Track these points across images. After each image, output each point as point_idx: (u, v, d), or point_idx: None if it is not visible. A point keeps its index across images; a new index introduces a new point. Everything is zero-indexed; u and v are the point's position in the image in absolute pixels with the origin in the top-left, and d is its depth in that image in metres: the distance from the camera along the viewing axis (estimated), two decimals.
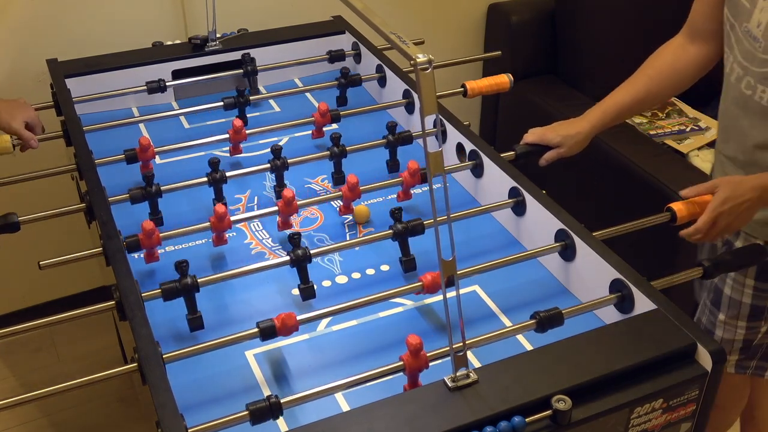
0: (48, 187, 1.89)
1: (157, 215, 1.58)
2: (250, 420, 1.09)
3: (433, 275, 1.31)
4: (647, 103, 1.66)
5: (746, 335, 1.64)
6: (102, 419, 2.30)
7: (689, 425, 1.20)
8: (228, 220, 1.46)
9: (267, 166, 1.65)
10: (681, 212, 1.40)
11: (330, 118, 1.83)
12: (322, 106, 1.81)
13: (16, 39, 2.21)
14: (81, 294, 2.52)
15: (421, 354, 1.14)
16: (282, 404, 1.09)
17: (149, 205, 1.58)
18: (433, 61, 0.95)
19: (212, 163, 1.60)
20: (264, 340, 1.23)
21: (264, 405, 1.09)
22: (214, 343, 1.22)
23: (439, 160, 1.00)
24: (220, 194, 1.62)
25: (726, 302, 1.62)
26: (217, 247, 1.52)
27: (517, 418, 1.04)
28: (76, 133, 1.72)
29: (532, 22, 2.75)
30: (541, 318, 1.24)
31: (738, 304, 1.61)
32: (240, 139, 1.75)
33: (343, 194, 1.56)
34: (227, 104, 1.90)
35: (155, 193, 1.56)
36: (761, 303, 1.59)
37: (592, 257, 1.36)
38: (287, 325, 1.22)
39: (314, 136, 1.84)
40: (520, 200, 1.53)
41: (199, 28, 2.26)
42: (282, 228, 1.53)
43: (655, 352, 1.15)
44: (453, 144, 1.75)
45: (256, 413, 1.08)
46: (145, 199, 1.56)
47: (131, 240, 1.42)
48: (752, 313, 1.61)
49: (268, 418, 1.09)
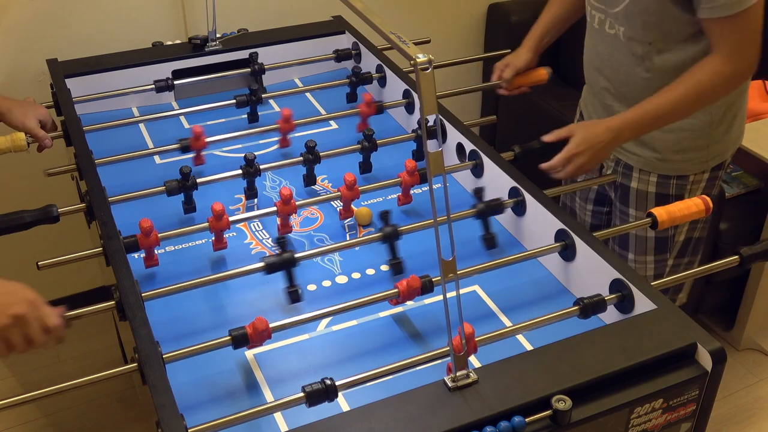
0: (48, 187, 1.89)
1: (191, 205, 1.59)
2: (306, 402, 1.10)
3: (408, 281, 1.31)
4: (567, 20, 1.93)
5: (656, 270, 1.82)
6: (102, 419, 2.29)
7: (689, 425, 1.20)
8: (226, 220, 1.46)
9: (267, 166, 1.65)
10: (662, 217, 1.44)
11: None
12: (285, 112, 1.81)
13: (16, 39, 2.21)
14: (81, 294, 2.52)
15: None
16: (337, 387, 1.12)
17: (184, 197, 1.59)
18: (433, 61, 0.95)
19: (247, 159, 1.61)
20: (236, 348, 1.22)
21: (320, 387, 1.10)
22: (214, 343, 1.22)
23: (439, 160, 1.00)
24: (253, 187, 1.64)
25: (633, 241, 1.81)
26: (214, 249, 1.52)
27: (517, 418, 1.04)
28: (76, 133, 1.72)
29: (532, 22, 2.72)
30: (584, 304, 1.27)
31: (644, 240, 1.79)
32: (200, 147, 1.74)
33: (342, 195, 1.56)
34: (239, 102, 1.91)
35: (191, 186, 1.57)
36: (663, 234, 1.77)
37: (592, 257, 1.36)
38: (258, 329, 1.21)
39: (281, 145, 1.85)
40: (520, 200, 1.53)
41: (199, 28, 2.26)
42: (282, 230, 1.53)
43: (655, 352, 1.15)
44: (453, 144, 1.75)
45: (312, 395, 1.10)
46: (181, 192, 1.57)
47: (129, 240, 1.42)
48: (657, 246, 1.79)
49: (323, 401, 1.11)
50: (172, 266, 1.48)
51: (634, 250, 1.83)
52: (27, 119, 1.76)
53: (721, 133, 1.71)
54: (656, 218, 1.44)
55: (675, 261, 1.84)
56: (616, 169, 1.81)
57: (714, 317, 2.56)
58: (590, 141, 1.56)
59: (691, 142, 1.70)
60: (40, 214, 1.49)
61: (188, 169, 1.56)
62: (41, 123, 1.79)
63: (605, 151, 1.59)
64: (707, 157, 1.72)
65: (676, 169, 1.73)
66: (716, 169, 1.76)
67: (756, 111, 2.57)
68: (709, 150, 1.71)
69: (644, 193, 1.78)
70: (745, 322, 2.47)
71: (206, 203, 1.55)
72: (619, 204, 1.84)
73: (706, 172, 1.75)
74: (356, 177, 1.56)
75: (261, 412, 1.11)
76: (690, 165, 1.73)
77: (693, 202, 1.46)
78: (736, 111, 1.71)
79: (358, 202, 1.63)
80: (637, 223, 1.51)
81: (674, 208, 1.45)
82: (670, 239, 1.79)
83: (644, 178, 1.77)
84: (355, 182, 1.55)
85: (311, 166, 1.68)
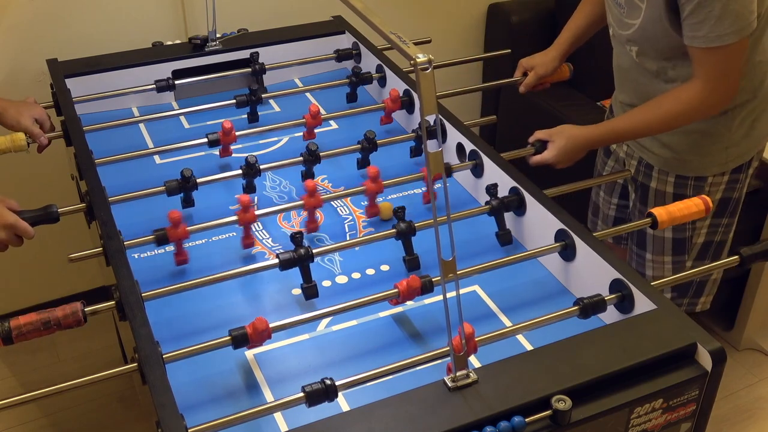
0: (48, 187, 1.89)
1: (189, 203, 1.60)
2: (306, 402, 1.10)
3: (408, 281, 1.31)
4: (599, 23, 1.91)
5: (674, 271, 1.78)
6: (102, 419, 2.29)
7: (689, 425, 1.20)
8: (252, 213, 1.48)
9: (268, 166, 1.65)
10: (661, 217, 1.45)
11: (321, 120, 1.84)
12: (313, 108, 1.82)
13: (16, 39, 2.21)
14: (81, 294, 2.52)
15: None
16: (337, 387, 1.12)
17: (183, 197, 1.60)
18: (432, 61, 0.95)
19: (248, 161, 1.61)
20: (236, 348, 1.23)
21: (320, 387, 1.11)
22: (214, 343, 1.22)
23: (439, 160, 1.00)
24: (253, 188, 1.65)
25: (650, 241, 1.81)
26: (217, 248, 1.52)
27: (516, 418, 1.04)
28: (76, 133, 1.72)
29: (532, 22, 2.75)
30: (584, 304, 1.27)
31: (661, 240, 1.79)
32: (230, 141, 1.75)
33: (366, 189, 1.56)
34: (239, 102, 1.91)
35: (191, 186, 1.58)
36: (681, 236, 1.77)
37: (592, 257, 1.36)
38: (258, 330, 1.21)
39: (305, 138, 1.85)
40: (520, 200, 1.53)
41: (199, 28, 2.26)
42: (309, 227, 1.54)
43: (655, 352, 1.15)
44: (453, 144, 1.75)
45: (312, 395, 1.10)
46: (181, 191, 1.58)
47: (160, 233, 1.43)
48: (675, 247, 1.79)
49: (323, 401, 1.11)
50: (172, 265, 1.48)
51: (651, 250, 1.83)
52: (21, 117, 1.76)
53: (741, 135, 1.69)
54: (656, 218, 1.44)
55: (694, 263, 1.82)
56: (639, 168, 1.81)
57: (714, 317, 2.56)
58: (569, 152, 1.66)
59: (709, 144, 1.69)
60: (41, 215, 1.49)
61: (189, 172, 1.57)
62: (38, 122, 1.79)
63: (577, 158, 1.69)
64: (726, 159, 1.71)
65: (693, 169, 1.73)
66: (736, 171, 1.74)
67: None
68: (727, 152, 1.70)
69: (662, 193, 1.77)
70: (745, 322, 2.47)
71: (207, 203, 1.55)
72: (639, 203, 1.84)
73: (726, 174, 1.73)
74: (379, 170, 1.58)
75: (261, 412, 1.11)
76: (708, 166, 1.72)
77: (693, 202, 1.46)
78: (759, 114, 1.70)
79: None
80: (637, 223, 1.51)
81: (674, 208, 1.46)
82: (688, 240, 1.79)
83: (663, 178, 1.76)
84: (378, 174, 1.56)
85: (310, 167, 1.69)
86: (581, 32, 1.94)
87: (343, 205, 1.66)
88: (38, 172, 2.22)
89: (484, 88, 2.67)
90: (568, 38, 1.95)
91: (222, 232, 1.56)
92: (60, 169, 2.06)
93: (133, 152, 1.73)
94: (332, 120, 1.94)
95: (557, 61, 1.96)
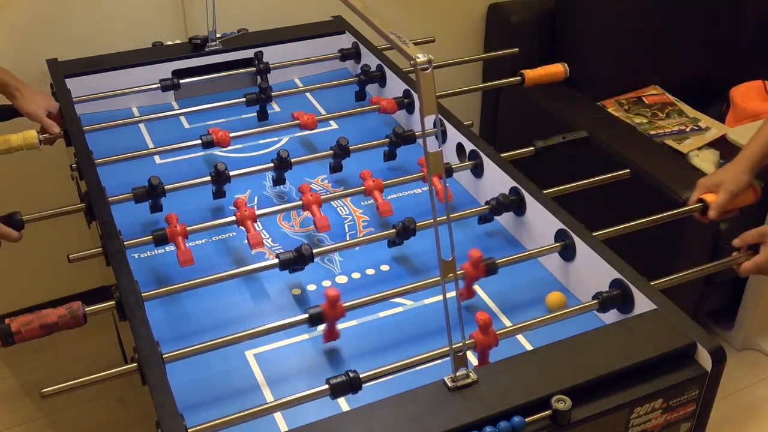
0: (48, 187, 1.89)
1: (158, 209, 1.59)
2: (330, 394, 1.11)
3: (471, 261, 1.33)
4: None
5: None
6: (102, 419, 2.29)
7: (689, 425, 1.20)
8: (252, 211, 1.48)
9: (269, 166, 1.65)
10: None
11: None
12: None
13: (16, 39, 2.21)
14: (81, 294, 2.52)
15: (490, 330, 1.17)
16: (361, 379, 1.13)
17: (152, 204, 1.58)
18: (432, 61, 0.95)
19: (217, 168, 1.60)
20: (313, 326, 1.26)
21: (344, 380, 1.12)
22: (214, 343, 1.22)
23: (439, 160, 1.00)
24: (222, 194, 1.62)
25: None
26: (217, 248, 1.52)
27: (516, 418, 1.04)
28: (76, 133, 1.72)
29: (532, 22, 2.75)
30: (603, 298, 1.28)
31: None
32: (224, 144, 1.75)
33: (366, 189, 1.58)
34: (249, 100, 1.91)
35: (159, 193, 1.56)
36: None
37: (592, 257, 1.36)
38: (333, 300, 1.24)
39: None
40: (520, 200, 1.53)
41: (199, 28, 2.26)
42: (321, 228, 1.53)
43: (655, 352, 1.15)
44: (453, 144, 1.75)
45: (336, 387, 1.11)
46: (149, 198, 1.57)
47: (159, 233, 1.43)
48: None
49: (348, 393, 1.12)
50: (174, 265, 1.48)
51: None
52: (37, 106, 1.77)
53: None
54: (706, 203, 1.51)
55: None
56: None
57: (714, 317, 2.56)
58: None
59: None
60: (4, 220, 1.50)
61: (223, 166, 1.58)
62: (50, 114, 1.79)
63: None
64: None
65: None
66: None
67: (756, 111, 2.57)
68: None
69: None
70: (745, 322, 2.47)
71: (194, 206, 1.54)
72: None
73: None
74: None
75: (261, 412, 1.11)
76: None
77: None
78: None
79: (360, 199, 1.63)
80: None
81: None
82: None
83: None
84: (372, 174, 1.59)
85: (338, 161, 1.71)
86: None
87: (343, 205, 1.66)
88: (38, 172, 2.22)
89: (484, 88, 2.67)
90: (759, 152, 1.61)
91: (222, 232, 1.56)
92: (60, 169, 2.06)
93: (133, 152, 1.73)
94: (332, 120, 1.94)
95: (748, 175, 1.61)
